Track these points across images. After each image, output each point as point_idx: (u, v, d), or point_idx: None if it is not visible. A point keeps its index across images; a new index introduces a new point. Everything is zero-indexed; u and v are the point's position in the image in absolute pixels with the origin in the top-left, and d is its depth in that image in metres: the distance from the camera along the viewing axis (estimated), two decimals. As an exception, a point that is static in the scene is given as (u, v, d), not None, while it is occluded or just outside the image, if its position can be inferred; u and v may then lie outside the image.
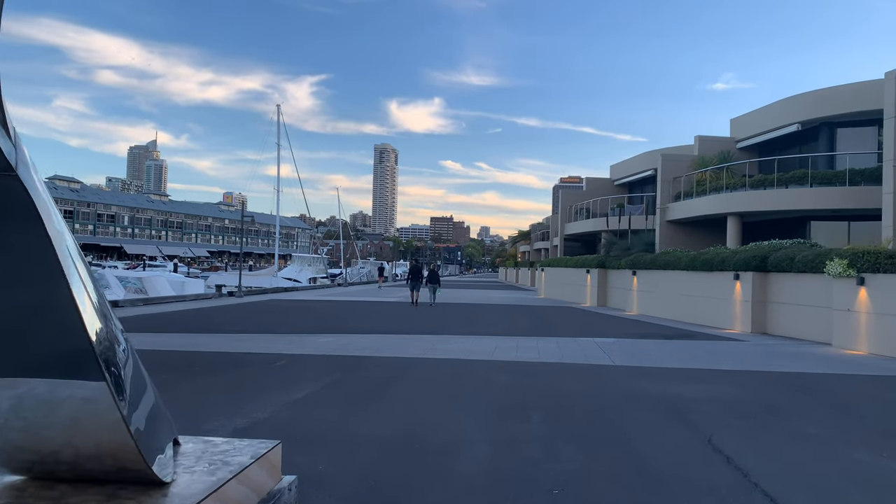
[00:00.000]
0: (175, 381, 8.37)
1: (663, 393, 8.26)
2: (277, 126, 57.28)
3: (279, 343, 12.67)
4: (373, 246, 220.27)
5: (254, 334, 14.14)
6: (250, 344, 12.36)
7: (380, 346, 12.40)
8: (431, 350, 12.05)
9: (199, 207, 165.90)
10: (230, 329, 15.21)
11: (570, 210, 39.44)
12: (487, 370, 9.88)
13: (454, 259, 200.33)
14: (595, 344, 13.61)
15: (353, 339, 13.43)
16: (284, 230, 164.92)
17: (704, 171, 23.74)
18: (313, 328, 15.85)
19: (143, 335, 13.46)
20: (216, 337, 13.51)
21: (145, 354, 11.01)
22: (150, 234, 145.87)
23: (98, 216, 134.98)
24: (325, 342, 12.92)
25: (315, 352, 11.50)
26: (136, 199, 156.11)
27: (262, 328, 15.60)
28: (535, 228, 66.09)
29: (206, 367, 9.58)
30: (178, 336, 13.51)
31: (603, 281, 27.79)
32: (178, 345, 12.01)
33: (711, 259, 19.11)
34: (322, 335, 14.17)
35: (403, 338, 14.02)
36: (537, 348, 12.66)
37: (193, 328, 15.23)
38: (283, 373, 9.22)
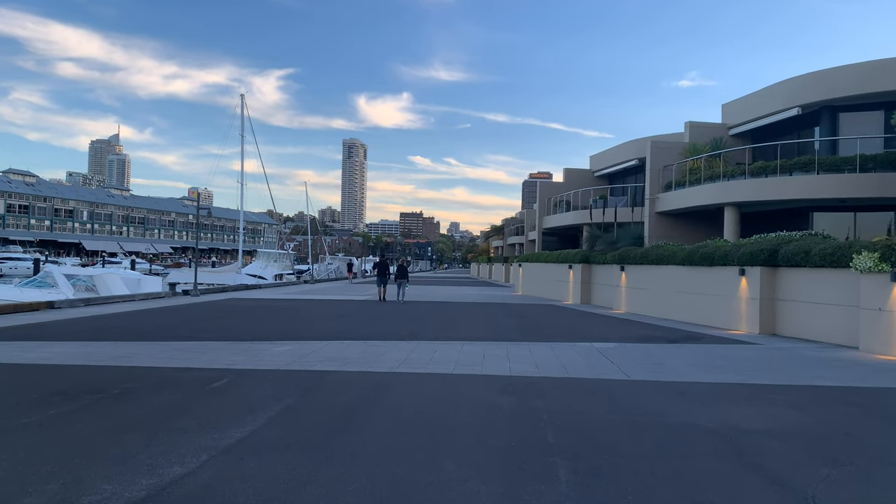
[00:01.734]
0: (70, 414, 6.29)
1: (712, 422, 6.43)
2: (241, 117, 54.64)
3: (226, 354, 10.59)
4: (342, 241, 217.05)
5: (198, 342, 12.03)
6: (189, 356, 10.26)
7: (346, 357, 10.40)
8: (408, 361, 10.09)
9: (162, 203, 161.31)
10: (173, 335, 13.07)
11: (548, 203, 37.74)
12: (480, 389, 7.97)
13: (424, 255, 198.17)
14: (596, 351, 11.80)
15: (316, 348, 11.40)
16: (251, 226, 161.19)
17: (698, 159, 22.17)
18: (270, 333, 13.78)
19: (62, 345, 11.25)
20: (151, 346, 11.37)
21: (47, 373, 8.95)
22: (110, 229, 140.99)
23: (55, 211, 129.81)
24: (281, 352, 10.88)
25: (267, 365, 9.46)
26: (95, 194, 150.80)
27: (210, 334, 13.47)
28: (509, 223, 64.43)
29: (123, 390, 7.49)
30: (104, 345, 11.33)
31: (587, 277, 26.10)
32: (100, 358, 9.86)
33: (712, 253, 17.48)
34: (279, 343, 12.11)
35: (374, 345, 12.04)
36: (532, 358, 10.79)
37: (128, 335, 13.05)
38: (221, 399, 7.19)
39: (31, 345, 11.21)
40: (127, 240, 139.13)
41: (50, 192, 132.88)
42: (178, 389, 7.65)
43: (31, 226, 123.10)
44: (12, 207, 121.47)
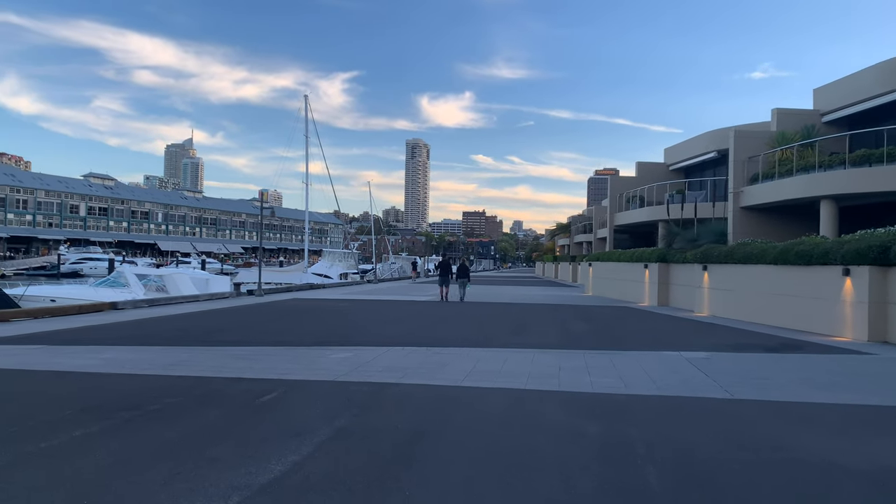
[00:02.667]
0: (96, 436, 5.56)
1: (862, 461, 5.16)
2: (305, 117, 54.94)
3: (281, 361, 9.85)
4: (405, 241, 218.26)
5: (253, 348, 11.36)
6: (243, 364, 9.55)
7: (407, 367, 9.48)
8: (475, 373, 9.08)
9: (233, 204, 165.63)
10: (230, 339, 12.48)
11: (619, 199, 36.02)
12: (560, 411, 6.89)
13: (487, 254, 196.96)
14: (686, 362, 10.50)
15: (375, 355, 10.54)
16: (317, 226, 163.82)
17: (788, 149, 20.30)
18: (329, 337, 13.03)
19: (114, 350, 10.76)
20: (205, 353, 10.76)
21: (89, 383, 8.17)
22: (184, 230, 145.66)
23: (132, 213, 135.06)
24: (338, 360, 10.05)
25: (322, 376, 8.63)
26: (170, 197, 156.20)
27: (267, 338, 12.82)
28: (576, 221, 62.57)
29: (163, 406, 6.77)
30: (157, 351, 10.78)
31: (664, 277, 24.49)
32: (149, 366, 9.26)
33: (809, 251, 15.76)
34: (337, 349, 11.31)
35: (437, 353, 11.08)
36: (616, 370, 9.61)
37: (185, 339, 12.53)
38: (267, 417, 6.36)
39: (83, 350, 10.77)
40: (199, 240, 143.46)
41: (127, 194, 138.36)
42: (223, 404, 6.88)
43: (109, 227, 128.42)
44: (93, 210, 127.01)
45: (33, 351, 10.59)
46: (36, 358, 9.86)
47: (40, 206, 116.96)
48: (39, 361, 9.51)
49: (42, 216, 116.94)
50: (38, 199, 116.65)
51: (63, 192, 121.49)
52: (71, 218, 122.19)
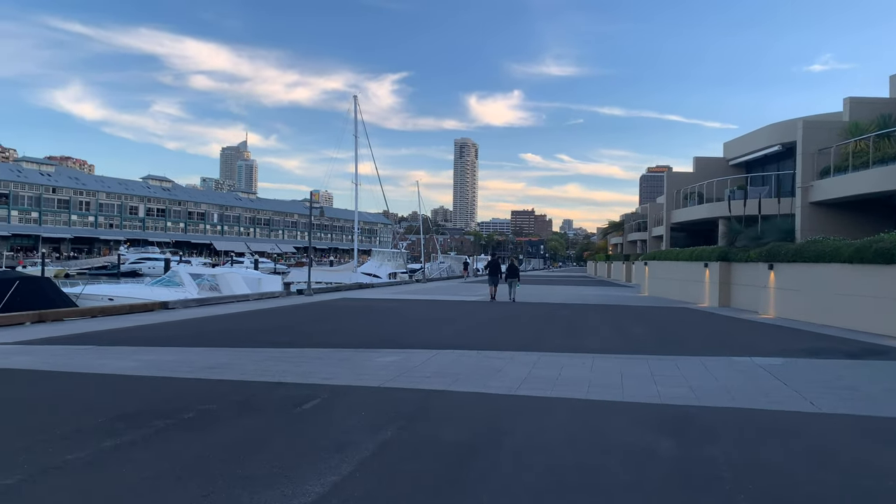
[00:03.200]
0: (125, 448, 5.18)
1: None
2: (354, 118, 55.06)
3: (325, 365, 9.42)
4: (453, 240, 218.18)
5: (297, 349, 10.99)
6: (285, 367, 9.16)
7: (457, 372, 8.92)
8: (530, 380, 8.46)
9: (286, 205, 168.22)
10: (275, 340, 12.16)
11: (676, 196, 34.67)
12: (627, 425, 6.22)
13: (537, 253, 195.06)
14: (760, 369, 9.64)
15: (424, 359, 10.02)
16: (367, 226, 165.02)
17: (863, 139, 18.94)
18: (376, 339, 12.59)
19: (158, 351, 10.53)
20: (249, 354, 10.43)
21: (127, 388, 7.32)
22: (238, 231, 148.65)
23: (189, 214, 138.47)
24: (385, 364, 9.57)
25: (368, 381, 8.15)
26: (224, 198, 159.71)
27: (312, 339, 12.46)
28: (629, 219, 61.00)
29: (199, 414, 6.38)
30: (200, 353, 10.51)
31: (725, 276, 23.30)
32: (189, 369, 8.95)
33: (890, 248, 14.56)
34: (384, 352, 10.83)
35: (489, 357, 10.49)
36: (684, 377, 8.84)
37: (230, 340, 12.27)
38: (307, 428, 5.89)
39: (127, 351, 10.58)
40: (253, 240, 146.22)
41: (184, 196, 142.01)
42: (261, 413, 6.46)
43: (167, 228, 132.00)
44: (151, 211, 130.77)
45: (80, 352, 10.45)
46: (81, 359, 9.68)
47: (102, 208, 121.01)
48: (83, 363, 9.32)
49: (104, 217, 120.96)
50: (100, 201, 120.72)
51: (123, 194, 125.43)
52: (131, 219, 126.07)
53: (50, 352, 10.39)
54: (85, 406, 6.67)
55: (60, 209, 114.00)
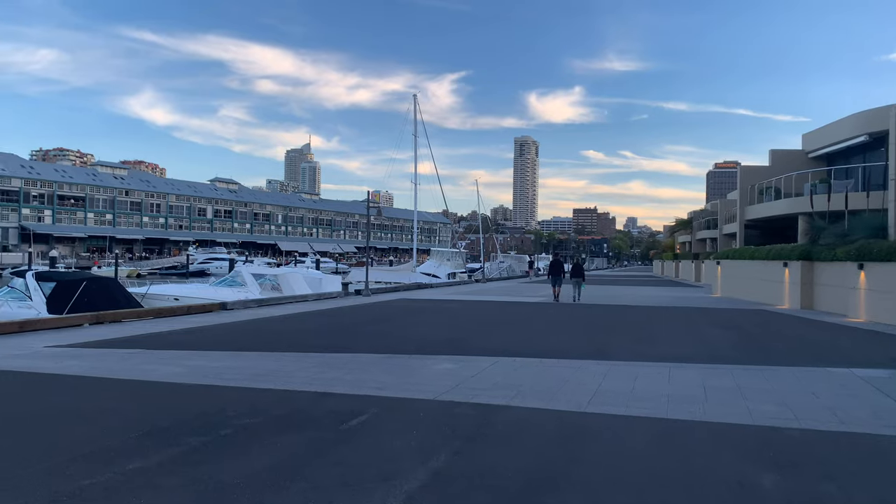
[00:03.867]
0: (150, 472, 4.65)
1: None
2: (414, 116, 54.87)
3: (377, 372, 8.82)
4: (513, 240, 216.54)
5: (350, 355, 10.43)
6: (335, 375, 8.59)
7: (520, 383, 8.15)
8: (601, 394, 7.62)
9: (347, 205, 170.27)
10: (328, 344, 11.67)
11: (750, 191, 32.79)
12: (717, 451, 5.34)
13: (600, 252, 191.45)
14: (864, 382, 8.51)
15: (483, 367, 9.29)
16: (426, 225, 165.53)
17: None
18: (433, 343, 11.94)
19: (206, 356, 10.16)
20: (299, 360, 9.93)
21: (166, 398, 5.95)
22: (302, 231, 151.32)
23: (255, 215, 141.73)
24: (441, 372, 8.89)
25: (422, 392, 7.49)
26: (288, 199, 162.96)
27: (366, 343, 11.91)
28: (697, 216, 58.64)
29: (237, 430, 5.84)
30: (250, 358, 10.08)
31: (808, 277, 21.68)
32: (235, 376, 8.49)
33: None
34: (441, 358, 10.16)
35: (554, 366, 9.68)
36: (776, 392, 7.82)
37: (282, 343, 11.85)
38: (350, 451, 5.25)
39: (176, 356, 10.25)
40: (316, 240, 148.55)
41: (250, 197, 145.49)
42: (303, 429, 5.87)
43: (234, 229, 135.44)
44: (219, 212, 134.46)
45: (129, 356, 10.18)
46: (128, 364, 9.39)
47: (172, 210, 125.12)
48: (130, 369, 9.00)
49: (173, 219, 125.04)
50: (170, 203, 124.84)
51: (192, 197, 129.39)
52: (199, 220, 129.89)
53: (100, 356, 10.16)
54: (120, 419, 6.23)
55: (133, 211, 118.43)
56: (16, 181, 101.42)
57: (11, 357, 9.87)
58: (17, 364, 9.24)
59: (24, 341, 11.64)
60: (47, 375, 8.47)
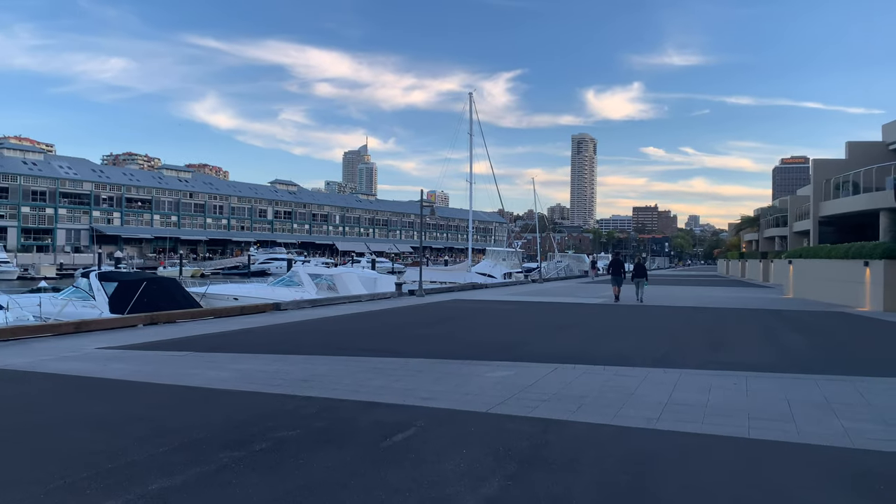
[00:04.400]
0: (172, 495, 4.23)
1: None
2: (469, 114, 54.31)
3: (426, 380, 8.29)
4: (571, 238, 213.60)
5: (400, 359, 9.95)
6: (383, 382, 8.11)
7: (581, 395, 7.49)
8: (672, 407, 6.89)
9: (403, 205, 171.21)
10: (377, 347, 11.23)
11: (825, 186, 30.95)
12: (822, 485, 4.59)
13: (661, 251, 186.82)
14: (977, 398, 7.49)
15: (540, 375, 8.65)
16: (482, 225, 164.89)
17: None
18: (487, 348, 11.37)
19: (253, 359, 9.84)
20: (347, 364, 9.51)
21: (206, 405, 5.15)
22: (358, 231, 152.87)
23: (313, 216, 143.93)
24: (495, 380, 8.30)
25: (473, 404, 6.92)
26: (346, 200, 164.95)
27: (417, 347, 11.43)
28: (765, 213, 56.14)
29: (273, 445, 5.41)
30: (296, 362, 9.70)
31: (891, 277, 20.12)
32: (280, 381, 8.10)
33: None
34: (495, 365, 9.57)
35: (618, 374, 8.95)
36: (873, 407, 6.92)
37: (331, 346, 11.48)
38: (392, 472, 4.73)
39: (223, 359, 9.98)
40: (372, 240, 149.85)
41: (308, 199, 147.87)
42: (343, 445, 5.39)
43: (293, 230, 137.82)
44: (278, 214, 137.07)
45: (177, 359, 9.97)
46: (174, 368, 9.14)
47: (234, 211, 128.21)
48: (175, 373, 8.75)
49: (235, 220, 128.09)
50: (232, 205, 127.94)
51: (253, 198, 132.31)
52: (260, 221, 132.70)
53: (147, 358, 9.98)
54: (153, 429, 5.88)
55: (197, 213, 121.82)
56: (87, 185, 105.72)
57: (60, 359, 9.78)
58: (63, 367, 9.11)
59: (77, 342, 11.62)
60: (90, 379, 8.28)
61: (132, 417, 6.34)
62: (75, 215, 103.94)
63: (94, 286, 20.62)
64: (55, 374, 8.56)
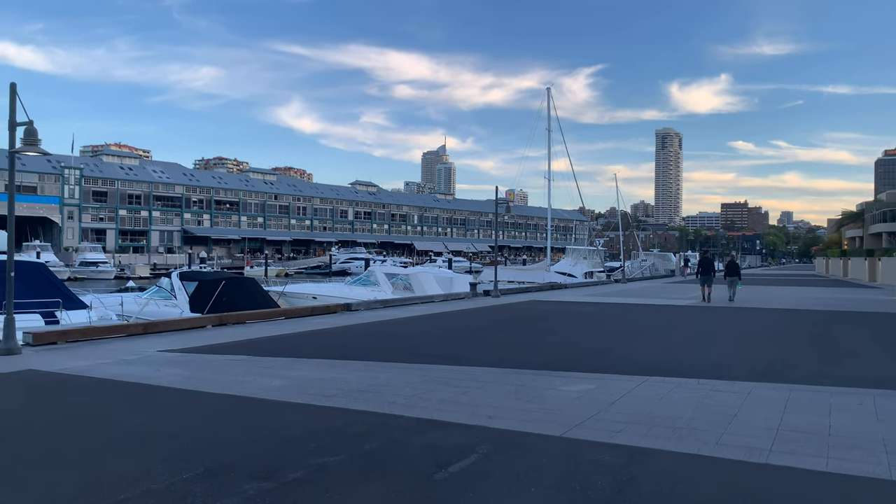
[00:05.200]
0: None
1: None
2: (547, 111, 52.92)
3: (494, 394, 7.42)
4: (655, 237, 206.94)
5: (468, 367, 9.11)
6: (445, 394, 7.30)
7: (674, 415, 6.41)
8: (786, 434, 5.73)
9: (481, 205, 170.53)
10: (444, 353, 10.45)
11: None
12: None
13: (752, 249, 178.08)
14: None
15: (624, 390, 7.61)
16: (561, 223, 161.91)
17: None
18: (564, 357, 10.38)
19: (310, 365, 9.24)
20: (408, 372, 8.75)
21: (246, 420, 5.11)
22: (436, 231, 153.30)
23: (392, 216, 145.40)
24: (572, 396, 7.33)
25: (544, 426, 5.99)
26: (424, 200, 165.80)
27: (488, 353, 10.57)
28: (870, 208, 51.97)
29: (311, 472, 4.68)
30: (355, 369, 9.02)
31: None
32: (333, 392, 7.43)
33: None
34: (572, 376, 8.58)
35: (716, 388, 7.77)
36: None
37: (394, 351, 10.78)
38: (442, 518, 3.90)
39: (282, 364, 9.44)
40: (450, 240, 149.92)
41: (387, 199, 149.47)
42: (389, 475, 4.60)
43: (373, 230, 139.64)
44: (359, 214, 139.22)
45: (232, 364, 9.50)
46: (226, 374, 8.65)
47: (316, 212, 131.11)
48: (225, 380, 8.24)
49: (318, 221, 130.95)
50: (315, 206, 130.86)
51: (334, 199, 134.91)
52: (341, 222, 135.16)
53: (203, 363, 9.56)
54: (183, 449, 5.28)
55: (281, 214, 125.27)
56: (178, 188, 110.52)
57: (118, 363, 9.50)
58: (117, 371, 8.79)
59: (142, 344, 11.41)
60: (139, 386, 7.86)
61: (166, 433, 5.77)
62: (168, 217, 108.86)
63: (176, 285, 20.89)
64: (106, 381, 8.21)
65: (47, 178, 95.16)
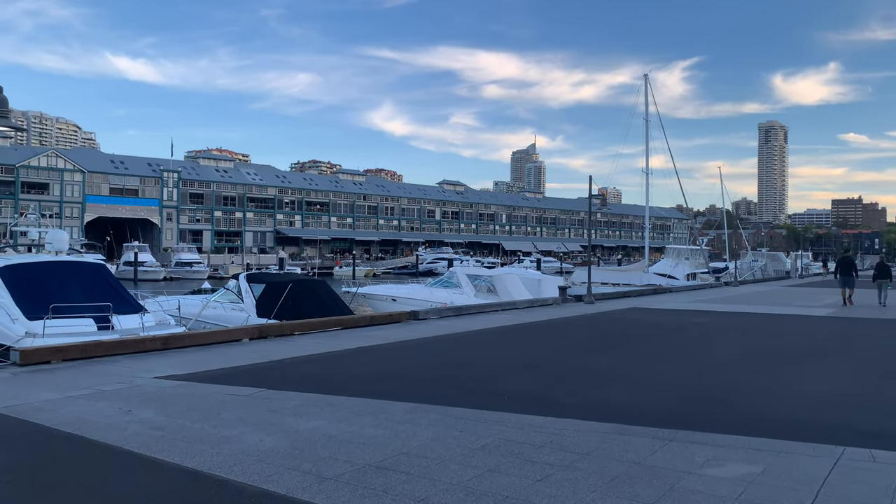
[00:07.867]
0: None
1: None
2: (645, 100, 48.64)
3: (591, 481, 4.51)
4: (760, 235, 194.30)
5: (554, 421, 6.21)
6: (510, 478, 4.46)
7: None
8: None
9: (572, 203, 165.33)
10: (521, 390, 7.62)
11: None
12: None
13: (871, 247, 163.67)
14: None
15: (818, 479, 4.51)
16: (658, 221, 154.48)
17: None
18: (693, 402, 7.31)
19: (326, 409, 6.60)
20: (463, 429, 5.97)
21: None
22: (525, 230, 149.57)
23: (479, 216, 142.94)
24: (727, 492, 4.32)
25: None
26: (512, 199, 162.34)
27: (583, 393, 7.63)
28: None
29: None
30: (389, 415, 6.31)
31: None
32: (345, 463, 4.75)
33: None
34: (716, 443, 5.52)
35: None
36: None
37: (452, 384, 8.03)
38: None
39: (291, 405, 6.85)
40: (540, 239, 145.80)
41: (475, 198, 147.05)
42: None
43: (460, 230, 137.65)
44: (446, 214, 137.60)
45: (225, 403, 7.03)
46: (205, 422, 6.17)
47: (404, 213, 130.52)
48: (196, 435, 5.74)
49: (405, 221, 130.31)
50: (402, 207, 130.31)
51: (422, 199, 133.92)
52: (428, 222, 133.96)
53: (194, 401, 7.12)
54: None
55: (370, 215, 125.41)
56: (271, 190, 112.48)
57: (88, 397, 7.20)
58: (70, 413, 6.45)
59: (144, 366, 9.21)
60: (72, 441, 5.47)
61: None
62: (261, 218, 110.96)
63: (243, 288, 19.17)
64: (41, 429, 5.89)
65: (148, 181, 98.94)
